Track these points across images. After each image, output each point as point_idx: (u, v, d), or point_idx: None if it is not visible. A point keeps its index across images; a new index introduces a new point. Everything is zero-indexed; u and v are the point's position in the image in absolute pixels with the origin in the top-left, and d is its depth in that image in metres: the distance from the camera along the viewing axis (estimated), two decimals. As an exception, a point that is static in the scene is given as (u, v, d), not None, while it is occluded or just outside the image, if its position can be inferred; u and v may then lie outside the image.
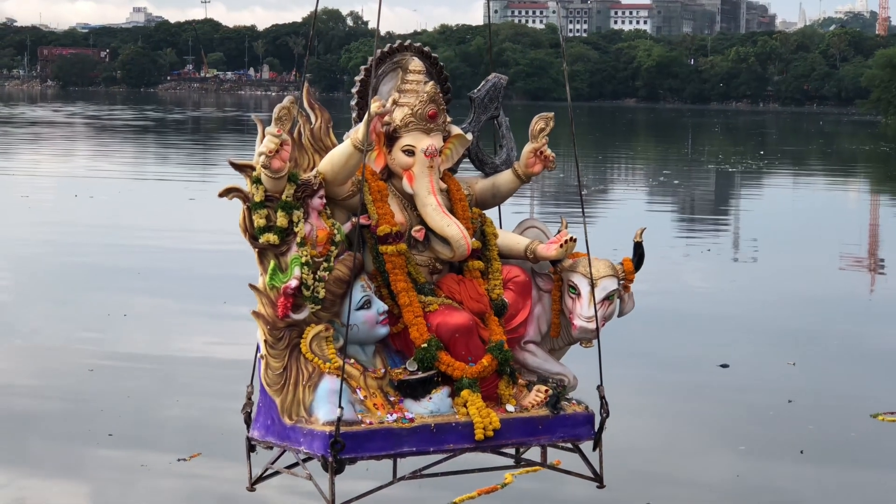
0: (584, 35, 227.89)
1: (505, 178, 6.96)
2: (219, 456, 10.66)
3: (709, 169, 50.31)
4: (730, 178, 45.71)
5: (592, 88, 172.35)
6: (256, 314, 6.24)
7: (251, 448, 6.52)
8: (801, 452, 11.11)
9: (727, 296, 19.01)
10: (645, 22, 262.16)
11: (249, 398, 6.61)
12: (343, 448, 5.94)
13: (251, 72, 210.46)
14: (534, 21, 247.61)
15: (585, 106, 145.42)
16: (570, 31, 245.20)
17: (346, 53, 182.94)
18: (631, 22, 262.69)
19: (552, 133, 6.96)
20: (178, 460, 10.55)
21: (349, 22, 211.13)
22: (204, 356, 14.38)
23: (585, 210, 6.82)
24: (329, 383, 6.11)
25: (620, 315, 6.82)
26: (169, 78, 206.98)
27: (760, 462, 10.87)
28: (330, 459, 5.96)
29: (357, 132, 6.17)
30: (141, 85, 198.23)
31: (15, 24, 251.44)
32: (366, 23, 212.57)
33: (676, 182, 43.15)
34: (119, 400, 12.41)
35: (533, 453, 6.84)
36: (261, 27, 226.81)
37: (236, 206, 6.36)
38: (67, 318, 16.32)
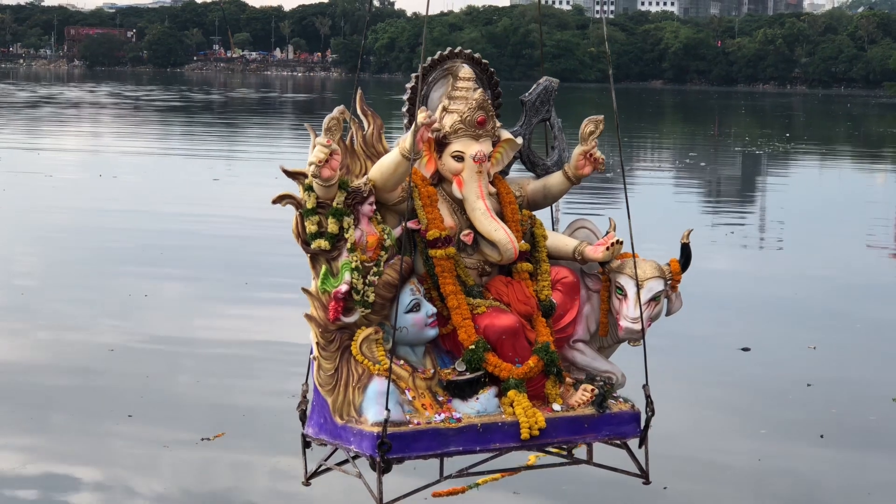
0: (612, 16, 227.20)
1: (555, 179, 7.05)
2: (243, 436, 10.70)
3: (735, 151, 50.16)
4: (756, 161, 45.56)
5: (619, 70, 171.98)
6: (309, 317, 6.37)
7: (306, 444, 6.67)
8: (822, 437, 11.09)
9: (750, 278, 18.97)
10: (672, 3, 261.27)
11: (304, 396, 6.75)
12: (390, 449, 6.07)
13: (277, 52, 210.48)
14: (560, 2, 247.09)
15: (612, 79, 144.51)
16: (597, 12, 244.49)
17: (372, 34, 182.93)
18: (658, 3, 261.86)
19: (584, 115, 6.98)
20: (203, 440, 10.60)
21: (375, 2, 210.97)
22: (224, 337, 14.43)
23: (614, 195, 6.81)
24: (378, 385, 6.24)
25: (668, 314, 6.90)
26: (195, 58, 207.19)
27: (781, 445, 10.86)
28: (377, 459, 6.09)
29: (405, 141, 6.28)
30: (167, 65, 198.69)
31: (42, 3, 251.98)
32: (392, 3, 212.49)
33: (703, 164, 43.03)
34: (139, 380, 12.47)
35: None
36: (287, 7, 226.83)
37: (259, 189, 6.39)
38: (88, 298, 16.41)
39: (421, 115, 6.23)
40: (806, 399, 12.34)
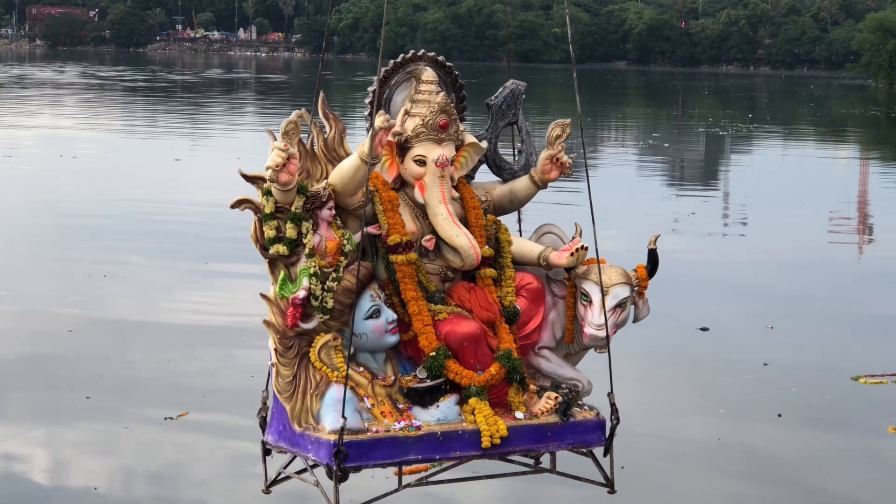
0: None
1: (522, 184, 6.96)
2: (204, 417, 10.67)
3: (698, 132, 50.29)
4: (719, 142, 45.70)
5: (583, 51, 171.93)
6: (267, 323, 6.30)
7: (266, 452, 6.62)
8: (780, 416, 11.17)
9: (711, 259, 19.04)
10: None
11: (264, 403, 6.70)
12: (347, 457, 6.00)
13: (240, 32, 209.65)
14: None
15: (576, 68, 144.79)
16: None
17: (336, 14, 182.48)
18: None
19: (549, 95, 6.96)
20: (166, 419, 10.58)
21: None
22: (185, 318, 14.37)
23: (573, 176, 6.80)
24: (336, 392, 6.16)
25: (636, 321, 6.82)
26: (158, 38, 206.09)
27: (740, 424, 10.92)
28: (334, 468, 6.03)
29: (364, 144, 6.20)
30: (130, 45, 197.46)
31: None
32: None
33: (666, 145, 43.13)
34: (99, 361, 12.41)
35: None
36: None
37: (220, 170, 6.36)
38: (47, 278, 16.32)
39: (379, 119, 6.15)
40: (764, 379, 12.40)
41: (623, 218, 20.99)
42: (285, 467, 6.64)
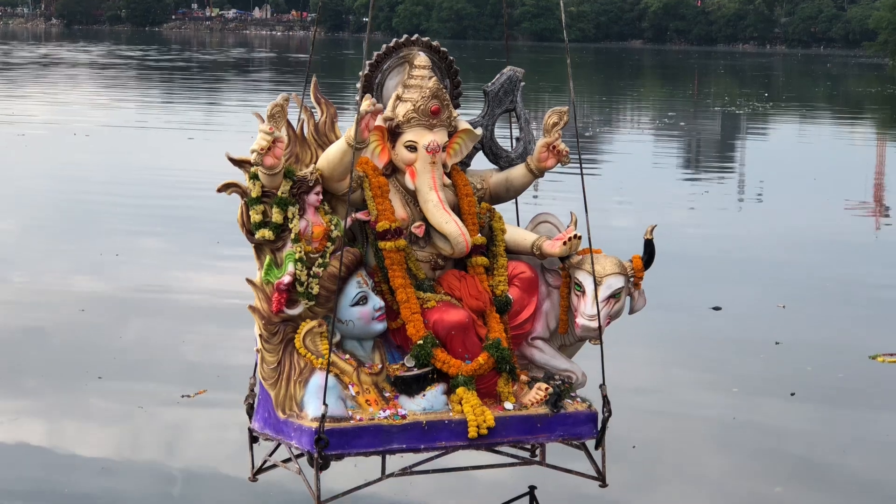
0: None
1: (518, 172, 6.91)
2: (224, 392, 10.65)
3: (714, 111, 50.13)
4: (735, 121, 45.55)
5: (599, 30, 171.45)
6: (253, 308, 6.30)
7: (253, 439, 6.61)
8: (793, 394, 11.15)
9: (724, 238, 18.97)
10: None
11: (252, 390, 6.69)
12: (327, 445, 5.97)
13: (255, 11, 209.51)
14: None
15: (591, 47, 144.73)
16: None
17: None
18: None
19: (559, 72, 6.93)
20: (183, 396, 10.57)
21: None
22: (196, 297, 14.35)
23: (581, 157, 6.76)
24: (319, 379, 6.13)
25: (631, 312, 6.75)
26: (174, 17, 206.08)
27: (753, 402, 10.89)
28: (315, 456, 5.99)
29: (352, 129, 6.14)
30: (146, 24, 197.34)
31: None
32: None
33: (682, 124, 43.01)
34: (112, 341, 12.39)
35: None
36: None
37: (232, 147, 6.34)
38: (60, 258, 16.29)
39: (365, 103, 6.08)
40: (777, 358, 12.35)
41: (637, 196, 20.98)
42: (271, 454, 6.61)
